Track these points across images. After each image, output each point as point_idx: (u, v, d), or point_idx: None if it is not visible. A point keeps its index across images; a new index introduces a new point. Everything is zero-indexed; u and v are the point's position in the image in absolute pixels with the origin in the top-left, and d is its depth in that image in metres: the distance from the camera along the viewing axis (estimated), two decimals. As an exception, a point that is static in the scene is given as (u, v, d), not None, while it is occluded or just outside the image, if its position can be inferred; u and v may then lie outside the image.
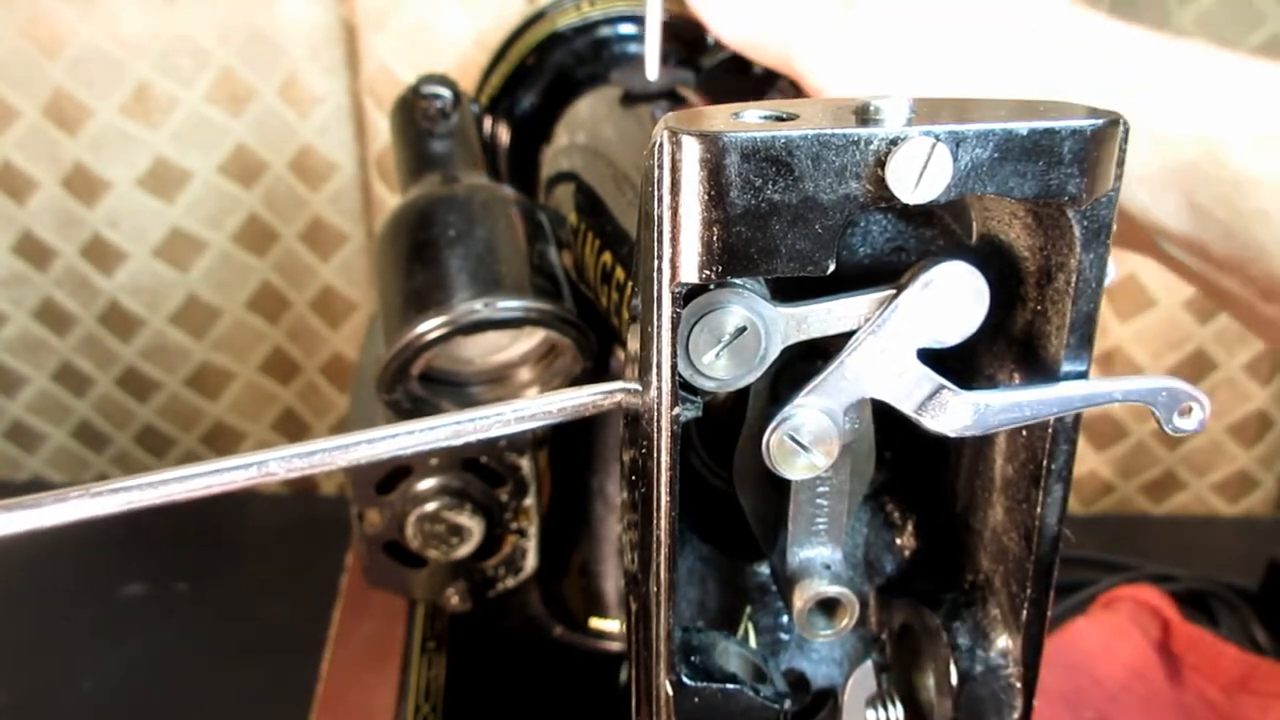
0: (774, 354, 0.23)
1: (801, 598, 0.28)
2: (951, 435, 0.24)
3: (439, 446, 0.23)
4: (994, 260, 0.26)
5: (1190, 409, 0.24)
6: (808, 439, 0.24)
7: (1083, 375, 0.24)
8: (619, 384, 0.24)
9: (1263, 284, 0.38)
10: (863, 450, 0.29)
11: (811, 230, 0.21)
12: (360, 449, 0.22)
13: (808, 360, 0.27)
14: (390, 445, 0.23)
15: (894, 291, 0.23)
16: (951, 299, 0.23)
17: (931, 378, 0.23)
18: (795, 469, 0.24)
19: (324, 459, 0.22)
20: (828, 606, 0.28)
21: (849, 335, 0.24)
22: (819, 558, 0.29)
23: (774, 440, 0.24)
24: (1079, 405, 0.24)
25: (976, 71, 0.40)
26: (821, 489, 0.28)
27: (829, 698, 0.32)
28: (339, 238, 0.82)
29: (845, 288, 0.24)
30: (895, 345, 0.23)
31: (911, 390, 0.24)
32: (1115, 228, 0.23)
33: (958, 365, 0.25)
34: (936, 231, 0.28)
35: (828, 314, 0.24)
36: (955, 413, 0.24)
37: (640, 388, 0.24)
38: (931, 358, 0.24)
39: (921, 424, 0.24)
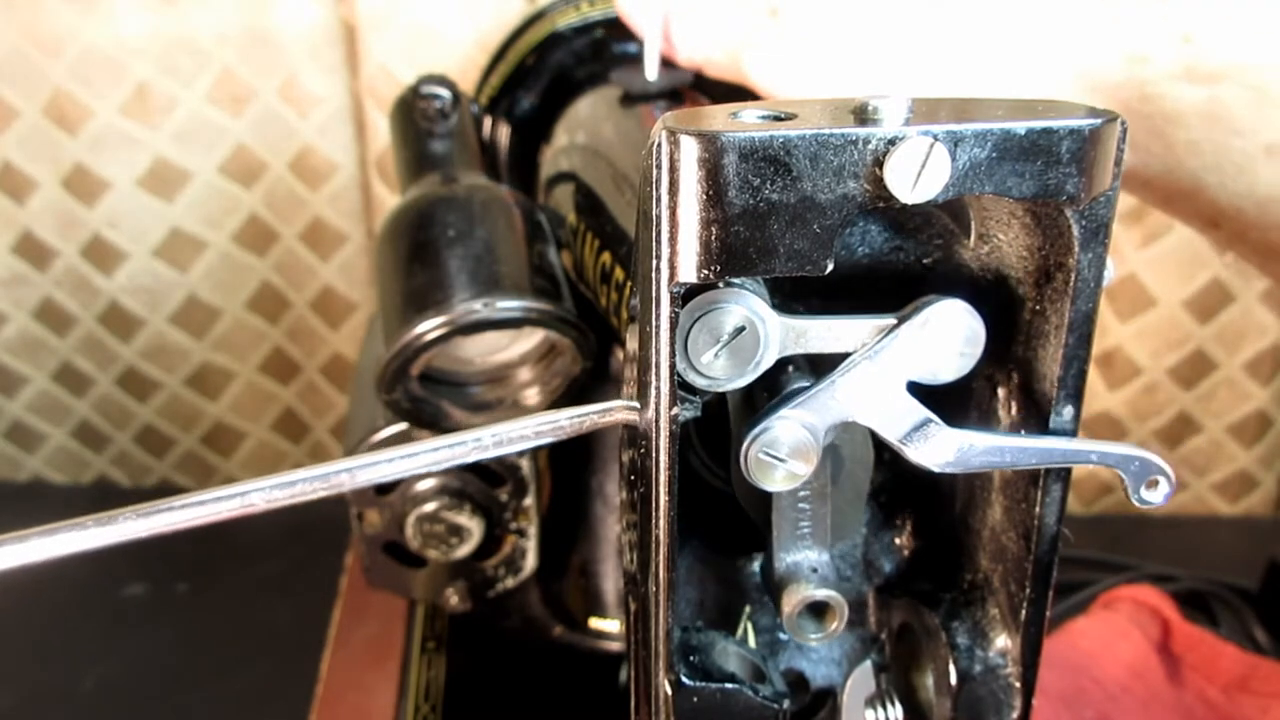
0: (771, 358, 0.23)
1: (789, 602, 0.28)
2: (934, 469, 0.24)
3: (420, 472, 0.23)
4: (992, 263, 0.26)
5: (1157, 482, 0.25)
6: (784, 452, 0.24)
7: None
8: (608, 404, 0.24)
9: (1207, 214, 0.38)
10: (859, 455, 0.29)
11: (810, 230, 0.21)
12: (342, 477, 0.22)
13: (779, 368, 0.27)
14: (372, 473, 0.23)
15: (895, 322, 0.23)
16: (948, 340, 0.23)
17: (919, 410, 0.24)
18: (775, 480, 0.24)
19: (305, 488, 0.22)
20: (816, 610, 0.28)
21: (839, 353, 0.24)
22: (805, 561, 0.29)
23: (751, 455, 0.24)
24: (1058, 460, 0.24)
25: (907, 47, 0.40)
26: (802, 493, 0.28)
27: (828, 698, 0.32)
28: (339, 238, 0.82)
29: (843, 287, 0.24)
30: (888, 374, 0.23)
31: (898, 420, 0.24)
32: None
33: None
34: (935, 231, 0.28)
35: (828, 331, 0.24)
36: (939, 447, 0.24)
37: (638, 405, 0.24)
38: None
39: (904, 454, 0.24)
